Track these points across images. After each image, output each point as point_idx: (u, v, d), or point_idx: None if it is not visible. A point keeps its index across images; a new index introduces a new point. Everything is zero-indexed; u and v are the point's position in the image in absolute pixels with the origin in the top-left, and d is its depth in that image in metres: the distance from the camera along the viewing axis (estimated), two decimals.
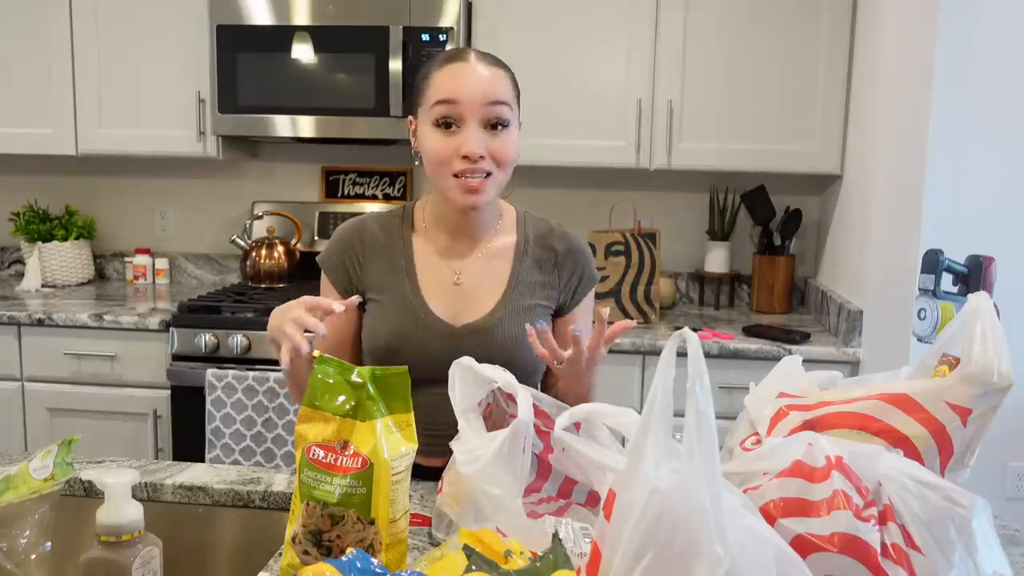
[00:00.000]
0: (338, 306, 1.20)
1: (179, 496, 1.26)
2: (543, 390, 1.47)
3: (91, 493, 1.26)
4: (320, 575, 0.71)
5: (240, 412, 2.46)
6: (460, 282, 1.41)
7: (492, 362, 1.35)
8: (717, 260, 2.98)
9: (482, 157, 1.28)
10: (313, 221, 3.16)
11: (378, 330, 1.40)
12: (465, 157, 1.28)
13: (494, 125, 1.30)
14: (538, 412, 1.01)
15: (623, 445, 0.94)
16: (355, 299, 1.24)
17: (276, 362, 1.34)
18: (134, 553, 0.87)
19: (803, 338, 2.49)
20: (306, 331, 1.18)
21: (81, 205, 3.33)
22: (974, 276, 1.63)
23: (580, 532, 0.93)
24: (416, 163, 1.39)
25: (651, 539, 0.67)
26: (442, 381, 1.07)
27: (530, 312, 1.40)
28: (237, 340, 2.55)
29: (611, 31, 2.70)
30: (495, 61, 1.35)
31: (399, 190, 3.20)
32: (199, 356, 2.57)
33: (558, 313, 1.47)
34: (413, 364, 1.35)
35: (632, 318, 2.69)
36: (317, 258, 1.49)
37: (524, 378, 1.41)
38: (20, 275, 3.25)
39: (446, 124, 1.29)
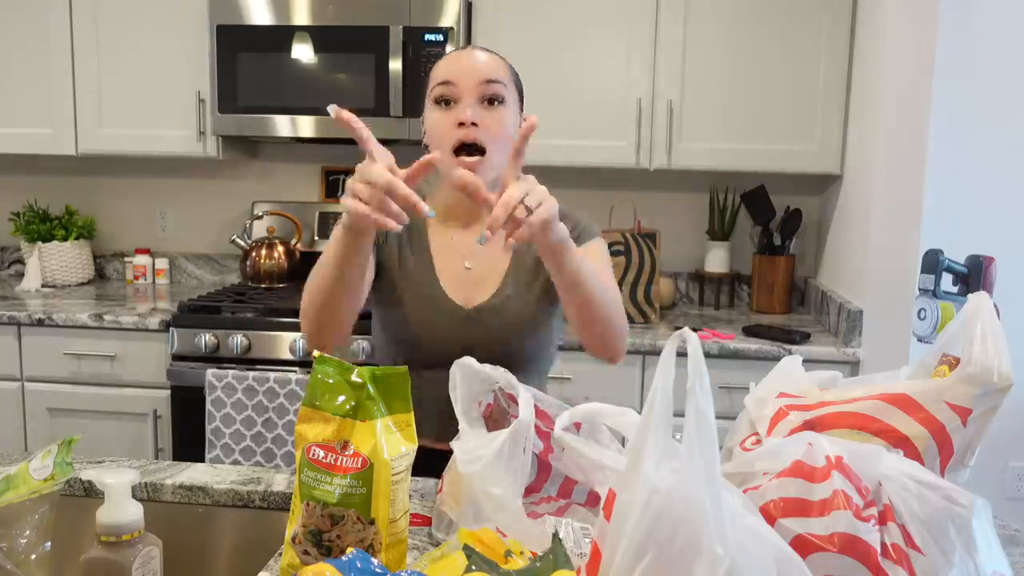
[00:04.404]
0: (424, 208, 1.09)
1: (179, 496, 1.26)
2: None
3: (91, 493, 1.26)
4: (320, 575, 0.71)
5: (240, 412, 2.46)
6: (470, 267, 1.46)
7: (503, 341, 1.38)
8: (717, 260, 2.98)
9: (475, 124, 1.33)
10: (313, 221, 3.16)
11: (398, 315, 1.44)
12: (460, 125, 1.33)
13: (491, 100, 1.36)
14: (538, 412, 1.01)
15: (623, 445, 0.93)
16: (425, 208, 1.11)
17: (276, 362, 1.32)
18: (134, 553, 0.87)
19: (803, 338, 2.49)
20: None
21: (81, 205, 3.33)
22: (974, 276, 1.63)
23: (580, 532, 0.93)
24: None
25: (651, 539, 0.67)
26: None
27: (536, 288, 1.45)
28: (237, 340, 2.55)
29: (611, 31, 2.70)
30: (495, 53, 1.42)
31: None
32: (199, 356, 2.57)
33: None
34: (429, 347, 1.39)
35: (632, 318, 2.70)
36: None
37: (532, 359, 1.45)
38: (20, 275, 3.25)
39: (445, 102, 1.36)
